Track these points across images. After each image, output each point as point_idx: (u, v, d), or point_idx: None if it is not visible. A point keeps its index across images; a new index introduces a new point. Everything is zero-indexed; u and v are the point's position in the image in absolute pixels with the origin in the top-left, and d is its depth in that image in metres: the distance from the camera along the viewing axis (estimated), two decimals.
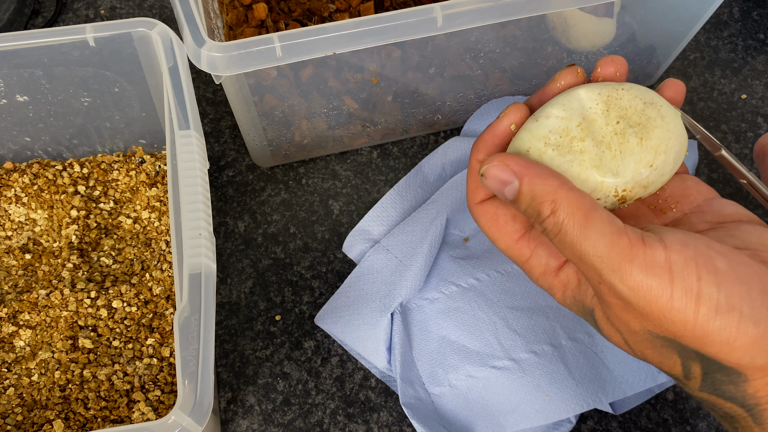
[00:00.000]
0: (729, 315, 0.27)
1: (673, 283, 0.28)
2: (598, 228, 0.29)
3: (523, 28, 0.50)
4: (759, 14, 0.65)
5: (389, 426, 0.49)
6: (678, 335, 0.28)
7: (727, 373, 0.29)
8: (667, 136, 0.32)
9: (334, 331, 0.49)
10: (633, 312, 0.29)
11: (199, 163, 0.41)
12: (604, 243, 0.28)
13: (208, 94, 0.60)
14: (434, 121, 0.57)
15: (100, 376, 0.46)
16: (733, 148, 0.58)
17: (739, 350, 0.28)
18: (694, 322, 0.28)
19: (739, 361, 0.28)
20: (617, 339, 0.32)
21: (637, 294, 0.28)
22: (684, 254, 0.28)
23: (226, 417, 0.49)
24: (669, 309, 0.28)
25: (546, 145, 0.32)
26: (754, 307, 0.28)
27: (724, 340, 0.28)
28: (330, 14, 0.55)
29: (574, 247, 0.29)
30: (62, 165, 0.53)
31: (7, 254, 0.50)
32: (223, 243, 0.54)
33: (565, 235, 0.29)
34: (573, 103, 0.33)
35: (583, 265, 0.29)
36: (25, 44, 0.44)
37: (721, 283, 0.28)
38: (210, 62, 0.41)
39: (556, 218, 0.29)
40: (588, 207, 0.29)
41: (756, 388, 0.29)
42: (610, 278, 0.28)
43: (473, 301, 0.49)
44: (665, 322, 0.28)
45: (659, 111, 0.33)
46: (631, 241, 0.28)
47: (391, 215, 0.52)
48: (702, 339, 0.28)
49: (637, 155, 0.32)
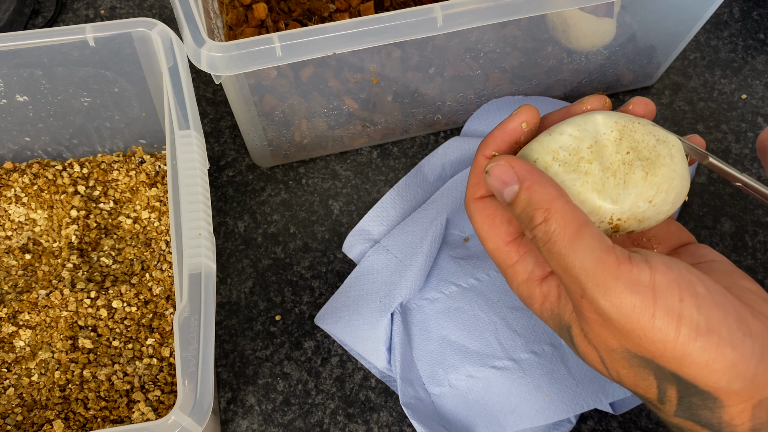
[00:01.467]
0: (708, 337, 0.28)
1: (656, 302, 0.28)
2: (588, 243, 0.29)
3: (523, 28, 0.50)
4: (759, 14, 0.65)
5: (389, 426, 0.49)
6: (657, 355, 0.29)
7: (703, 398, 0.29)
8: (671, 176, 0.33)
9: (334, 331, 0.49)
10: (612, 329, 0.29)
11: (199, 163, 0.41)
12: (592, 258, 0.29)
13: (208, 94, 0.60)
14: (434, 121, 0.57)
15: (100, 376, 0.46)
16: (733, 148, 0.58)
17: (717, 373, 0.28)
18: (674, 342, 0.28)
19: (716, 385, 0.28)
20: (593, 357, 0.32)
21: (619, 311, 0.28)
22: (668, 276, 0.29)
23: (226, 417, 0.49)
24: (650, 328, 0.28)
25: (554, 160, 0.33)
26: (731, 331, 0.28)
27: (703, 362, 0.28)
28: (330, 14, 0.55)
29: (561, 258, 0.29)
30: (62, 165, 0.53)
31: (7, 254, 0.50)
32: (223, 243, 0.54)
33: (554, 245, 0.30)
34: (589, 125, 0.33)
35: (567, 277, 0.30)
36: (25, 44, 0.44)
37: (701, 306, 0.28)
38: (210, 62, 0.41)
39: (547, 227, 0.30)
40: (581, 222, 0.30)
41: (732, 415, 0.29)
42: (594, 293, 0.29)
43: (473, 301, 0.49)
44: (645, 341, 0.28)
45: (669, 150, 0.33)
46: (619, 259, 0.29)
47: (391, 215, 0.52)
48: (681, 360, 0.28)
49: (639, 188, 0.32)
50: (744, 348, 0.28)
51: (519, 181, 0.31)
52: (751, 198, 0.56)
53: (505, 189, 0.31)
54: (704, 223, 0.55)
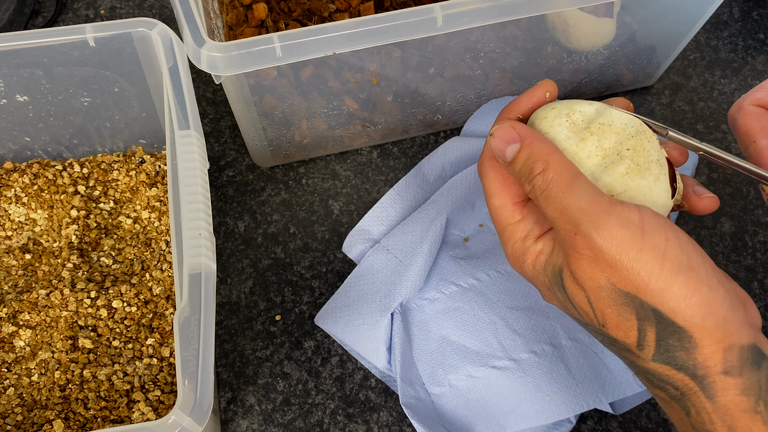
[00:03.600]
0: (689, 273, 0.31)
1: (644, 238, 0.31)
2: (583, 187, 0.32)
3: (523, 28, 0.50)
4: (759, 14, 0.65)
5: (389, 426, 0.49)
6: (641, 289, 0.31)
7: (680, 338, 0.31)
8: (642, 192, 0.35)
9: (334, 331, 0.49)
10: (602, 263, 0.32)
11: (199, 163, 0.41)
12: (587, 199, 0.32)
13: (208, 94, 0.60)
14: (434, 121, 0.57)
15: (100, 376, 0.46)
16: (732, 147, 0.58)
17: (693, 307, 0.31)
18: (658, 275, 0.31)
19: (691, 320, 0.31)
20: (581, 298, 0.34)
21: (610, 243, 0.31)
22: (655, 220, 0.32)
23: (226, 417, 0.49)
24: (638, 260, 0.31)
25: (568, 115, 0.36)
26: (708, 275, 0.31)
27: (682, 295, 0.31)
28: (330, 14, 0.55)
29: (558, 201, 0.33)
30: (62, 165, 0.53)
31: (7, 254, 0.50)
32: (223, 243, 0.54)
33: (551, 191, 0.33)
34: (614, 111, 0.36)
35: (562, 218, 0.32)
36: (25, 44, 0.44)
37: (683, 248, 0.32)
38: (210, 62, 0.41)
39: (545, 176, 0.33)
40: (575, 171, 0.33)
41: (705, 355, 0.31)
42: (588, 228, 0.31)
43: (473, 301, 0.49)
44: (631, 274, 0.31)
45: (659, 176, 0.35)
46: (611, 200, 0.32)
47: (391, 215, 0.52)
48: (662, 292, 0.31)
49: (611, 179, 0.35)
50: (718, 291, 0.31)
51: (520, 140, 0.34)
52: (751, 198, 0.56)
53: (507, 147, 0.35)
54: (704, 223, 0.55)
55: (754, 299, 0.53)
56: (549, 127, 0.36)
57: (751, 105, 0.38)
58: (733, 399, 0.31)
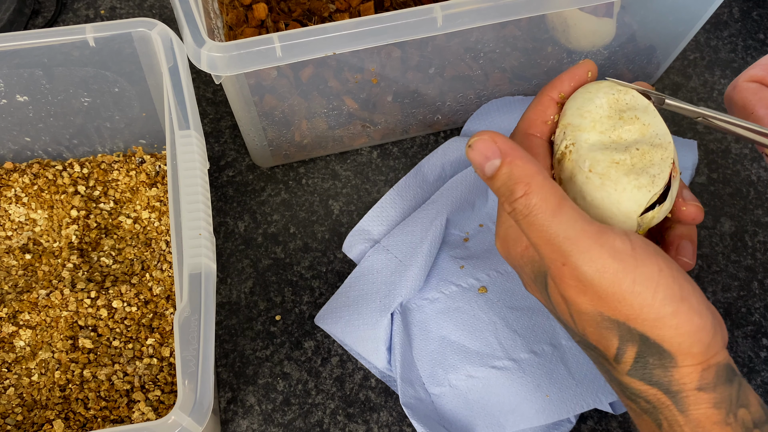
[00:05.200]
0: (681, 303, 0.31)
1: (637, 269, 0.30)
2: (570, 214, 0.31)
3: (523, 28, 0.50)
4: (759, 14, 0.65)
5: (389, 426, 0.49)
6: (631, 318, 0.31)
7: (661, 357, 0.31)
8: (613, 189, 0.33)
9: (334, 331, 0.49)
10: (591, 294, 0.31)
11: (199, 163, 0.41)
12: (576, 228, 0.31)
13: (208, 94, 0.60)
14: (434, 121, 0.57)
15: (100, 376, 0.46)
16: (733, 148, 0.58)
17: (684, 335, 0.31)
18: (650, 306, 0.30)
19: (679, 347, 0.31)
20: (563, 310, 0.33)
21: (602, 276, 0.30)
22: (646, 249, 0.31)
23: (226, 417, 0.49)
24: (630, 292, 0.30)
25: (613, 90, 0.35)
26: (699, 303, 0.31)
27: (674, 325, 0.31)
28: (330, 14, 0.55)
29: (543, 230, 0.31)
30: (62, 165, 0.53)
31: (7, 254, 0.51)
32: (223, 243, 0.54)
33: (535, 218, 0.31)
34: (654, 117, 0.35)
35: (548, 247, 0.31)
36: (25, 44, 0.44)
37: (675, 278, 0.31)
38: (210, 62, 0.41)
39: (528, 200, 0.31)
40: (560, 196, 0.31)
41: (682, 374, 0.31)
42: (578, 260, 0.31)
43: (473, 301, 0.49)
44: (622, 305, 0.31)
45: (641, 185, 0.33)
46: (600, 229, 0.31)
47: (390, 215, 0.52)
48: (654, 322, 0.31)
49: (600, 157, 0.34)
50: (707, 319, 0.31)
51: (501, 156, 0.32)
52: (751, 198, 0.56)
53: (486, 163, 0.32)
54: (704, 223, 0.55)
55: (753, 299, 0.53)
56: (594, 92, 0.35)
57: (746, 82, 0.37)
58: (705, 412, 0.31)
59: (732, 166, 0.58)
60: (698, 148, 0.58)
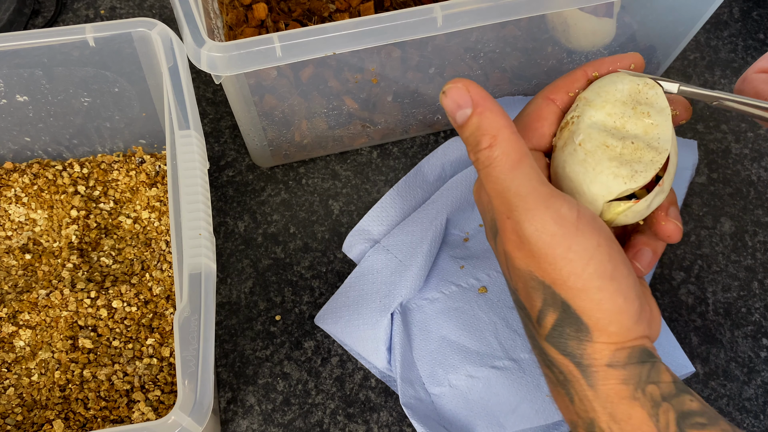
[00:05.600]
0: (610, 282, 0.31)
1: (575, 237, 0.31)
2: (527, 172, 0.32)
3: (523, 28, 0.50)
4: (759, 14, 0.65)
5: (389, 426, 0.49)
6: (557, 283, 0.31)
7: (578, 329, 0.32)
8: (588, 168, 0.34)
9: (334, 331, 0.49)
10: (525, 252, 0.32)
11: (199, 163, 0.41)
12: (528, 186, 0.31)
13: (208, 94, 0.60)
14: (434, 121, 0.57)
15: (100, 376, 0.46)
16: (733, 148, 0.58)
17: (604, 312, 0.31)
18: (578, 276, 0.31)
19: (597, 322, 0.31)
20: (503, 261, 0.34)
21: (540, 236, 0.31)
22: (592, 224, 0.32)
23: (226, 417, 0.49)
24: (563, 257, 0.31)
25: (640, 80, 0.35)
26: (629, 287, 0.32)
27: (596, 299, 0.31)
28: (330, 14, 0.55)
29: (498, 182, 0.32)
30: (62, 165, 0.53)
31: (7, 254, 0.50)
32: (223, 243, 0.54)
33: (494, 169, 0.32)
34: (667, 120, 0.35)
35: (499, 198, 0.32)
36: (25, 44, 0.44)
37: (612, 257, 0.31)
38: (210, 62, 0.41)
39: (491, 152, 0.32)
40: (522, 152, 0.32)
41: (595, 349, 0.32)
42: (521, 216, 0.31)
43: (473, 301, 0.49)
44: (552, 268, 0.31)
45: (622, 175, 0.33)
46: (552, 193, 0.32)
47: (391, 215, 0.52)
48: (579, 292, 0.31)
49: (594, 134, 0.34)
50: (632, 304, 0.32)
51: (472, 106, 0.32)
52: (751, 198, 0.56)
53: (458, 111, 0.33)
54: (704, 223, 0.55)
55: (753, 299, 0.53)
56: (622, 77, 0.35)
57: (755, 73, 0.37)
58: (614, 387, 0.31)
59: (732, 166, 0.58)
60: (698, 148, 0.58)
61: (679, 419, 0.31)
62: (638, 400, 0.31)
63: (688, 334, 0.52)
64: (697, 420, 0.31)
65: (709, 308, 0.53)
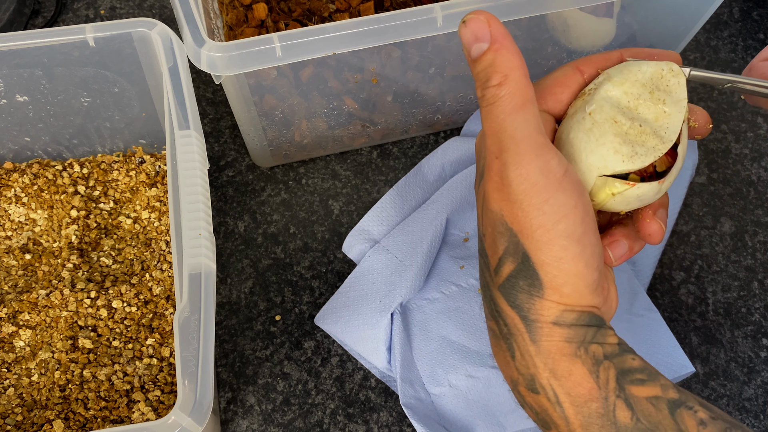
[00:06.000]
0: (575, 244, 0.31)
1: (556, 193, 0.31)
2: (527, 118, 0.31)
3: (523, 28, 0.50)
4: (759, 14, 0.65)
5: (389, 426, 0.49)
6: (524, 232, 0.31)
7: (531, 283, 0.32)
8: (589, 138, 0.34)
9: (334, 331, 0.49)
10: (503, 194, 0.32)
11: (199, 163, 0.41)
12: (524, 131, 0.31)
13: (208, 94, 0.60)
14: (434, 121, 0.57)
15: (100, 376, 0.46)
16: (733, 148, 0.58)
17: (561, 270, 0.31)
18: (547, 229, 0.31)
19: (553, 280, 0.31)
20: (479, 202, 0.34)
21: (521, 182, 0.31)
22: (574, 186, 0.32)
23: (226, 417, 0.49)
24: (536, 208, 0.31)
25: (665, 68, 0.35)
26: (593, 257, 0.32)
27: (557, 256, 0.31)
28: (330, 14, 0.55)
29: (497, 121, 0.32)
30: (62, 165, 0.53)
31: (7, 254, 0.50)
32: (223, 243, 0.54)
33: (495, 107, 0.32)
34: (680, 110, 0.34)
35: (493, 138, 0.32)
36: (25, 44, 0.44)
37: (585, 224, 0.32)
38: (210, 62, 0.41)
39: (498, 90, 0.32)
40: (528, 98, 0.32)
41: (544, 306, 0.32)
42: (509, 158, 0.31)
43: (473, 301, 0.49)
44: (523, 216, 0.31)
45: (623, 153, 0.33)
46: (546, 144, 0.32)
47: (390, 215, 0.52)
48: (542, 245, 0.31)
49: (606, 108, 0.34)
50: (591, 273, 0.32)
51: (491, 41, 0.32)
52: (751, 198, 0.56)
53: (474, 44, 0.32)
54: (704, 223, 0.55)
55: (754, 299, 0.53)
56: (648, 62, 0.35)
57: (761, 61, 0.37)
58: (557, 344, 0.32)
59: (732, 166, 0.58)
60: (698, 148, 0.58)
61: (619, 376, 0.31)
62: (579, 358, 0.31)
63: (688, 334, 0.52)
64: (637, 376, 0.31)
65: (709, 308, 0.53)
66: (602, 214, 0.38)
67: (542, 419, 0.33)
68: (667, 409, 0.31)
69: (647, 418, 0.31)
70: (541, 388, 0.32)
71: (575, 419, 0.32)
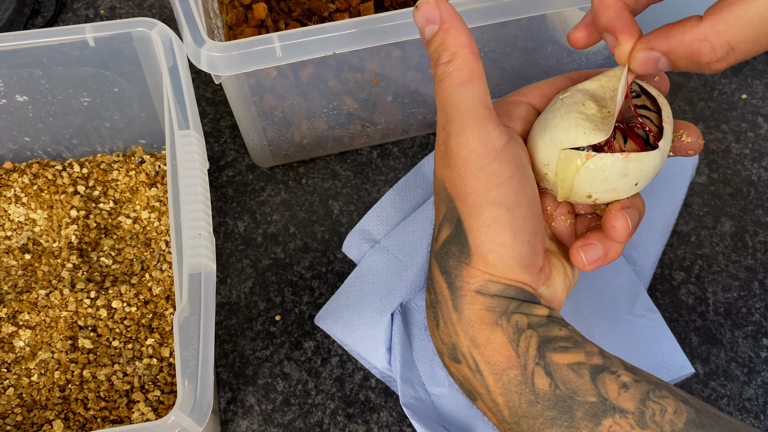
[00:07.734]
0: (505, 213, 0.32)
1: (491, 163, 0.32)
2: (472, 91, 0.32)
3: (523, 28, 0.50)
4: None
5: (389, 426, 0.49)
6: (459, 197, 0.32)
7: (461, 250, 0.33)
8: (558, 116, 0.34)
9: (334, 331, 0.49)
10: (446, 160, 0.33)
11: (199, 163, 0.41)
12: (470, 103, 0.32)
13: (208, 94, 0.60)
14: (434, 121, 0.57)
15: (100, 376, 0.46)
16: (733, 148, 0.58)
17: (488, 238, 0.32)
18: (480, 195, 0.32)
19: (479, 246, 0.32)
20: (434, 172, 0.35)
21: (460, 150, 0.32)
22: (515, 161, 0.33)
23: (226, 417, 0.49)
24: (472, 173, 0.32)
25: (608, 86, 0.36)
26: (524, 230, 0.32)
27: (486, 223, 0.32)
28: (330, 14, 0.55)
29: (445, 95, 0.33)
30: (62, 165, 0.53)
31: (6, 254, 0.50)
32: (223, 243, 0.54)
33: (444, 83, 0.33)
34: None
35: (442, 111, 0.33)
36: (25, 44, 0.44)
37: (518, 195, 0.32)
38: (210, 62, 0.41)
39: (447, 67, 0.33)
40: (475, 73, 0.33)
41: (470, 274, 0.32)
42: (453, 128, 0.32)
43: None
44: (460, 181, 0.32)
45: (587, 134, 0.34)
46: (489, 117, 0.32)
47: (391, 215, 0.52)
48: (474, 210, 0.32)
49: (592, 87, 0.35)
50: (521, 246, 0.32)
51: (441, 22, 0.33)
52: (752, 198, 0.56)
53: (427, 26, 0.34)
54: (704, 223, 0.55)
55: (754, 299, 0.53)
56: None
57: None
58: (478, 313, 0.32)
59: (732, 166, 0.58)
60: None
61: (541, 344, 0.32)
62: (500, 327, 0.32)
63: (688, 334, 0.52)
64: (560, 344, 0.32)
65: (710, 308, 0.53)
66: (581, 220, 0.38)
67: (467, 389, 0.34)
68: (589, 375, 0.31)
69: (566, 384, 0.31)
70: (462, 356, 0.33)
71: (495, 387, 0.32)
